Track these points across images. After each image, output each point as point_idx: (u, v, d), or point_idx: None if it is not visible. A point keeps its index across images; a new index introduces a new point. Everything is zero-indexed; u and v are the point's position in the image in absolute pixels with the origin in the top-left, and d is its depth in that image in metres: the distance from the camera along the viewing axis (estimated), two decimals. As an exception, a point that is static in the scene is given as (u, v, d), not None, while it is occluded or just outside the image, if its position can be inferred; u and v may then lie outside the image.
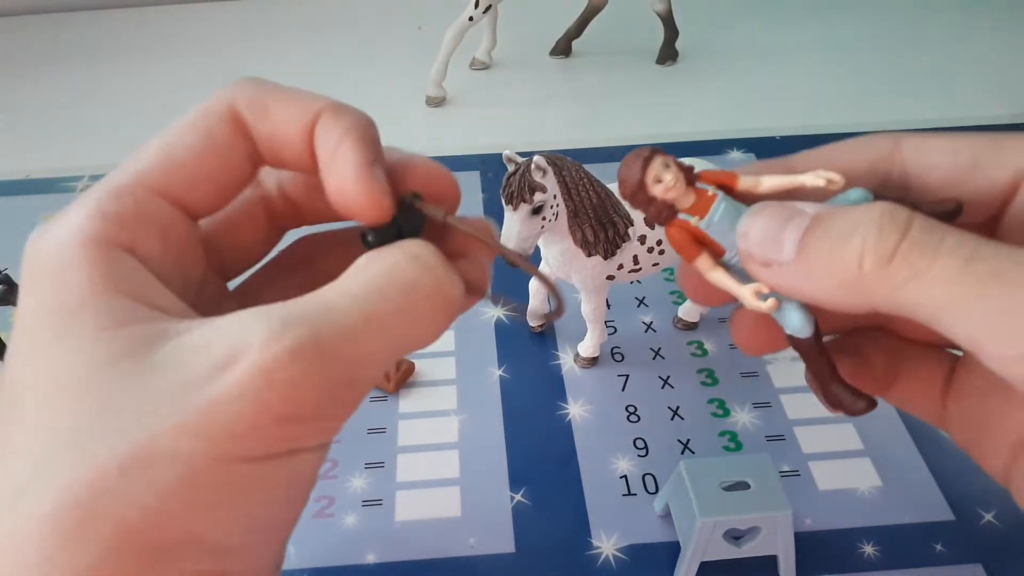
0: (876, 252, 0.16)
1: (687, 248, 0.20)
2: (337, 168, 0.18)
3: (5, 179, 0.68)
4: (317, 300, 0.17)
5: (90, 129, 0.76)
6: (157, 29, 0.93)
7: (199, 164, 0.18)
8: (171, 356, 0.16)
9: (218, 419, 0.15)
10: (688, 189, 0.19)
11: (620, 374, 0.51)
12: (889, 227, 0.16)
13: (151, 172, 0.18)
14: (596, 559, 0.42)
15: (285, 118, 0.19)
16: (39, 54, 0.89)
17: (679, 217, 0.20)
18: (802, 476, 0.45)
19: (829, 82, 0.79)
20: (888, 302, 0.16)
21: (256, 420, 0.15)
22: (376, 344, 0.17)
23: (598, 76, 0.82)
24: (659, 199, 0.20)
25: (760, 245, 0.18)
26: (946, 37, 0.86)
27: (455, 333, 0.54)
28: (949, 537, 0.42)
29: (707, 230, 0.19)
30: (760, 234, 0.18)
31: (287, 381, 0.15)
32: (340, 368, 0.16)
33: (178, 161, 0.18)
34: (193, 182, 0.18)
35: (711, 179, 0.19)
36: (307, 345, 0.15)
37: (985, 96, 0.76)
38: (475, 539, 0.42)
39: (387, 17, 0.93)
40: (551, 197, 0.42)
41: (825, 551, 0.42)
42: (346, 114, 0.19)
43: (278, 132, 0.19)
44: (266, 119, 0.19)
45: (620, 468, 0.46)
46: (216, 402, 0.15)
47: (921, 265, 0.16)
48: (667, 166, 0.19)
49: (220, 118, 0.19)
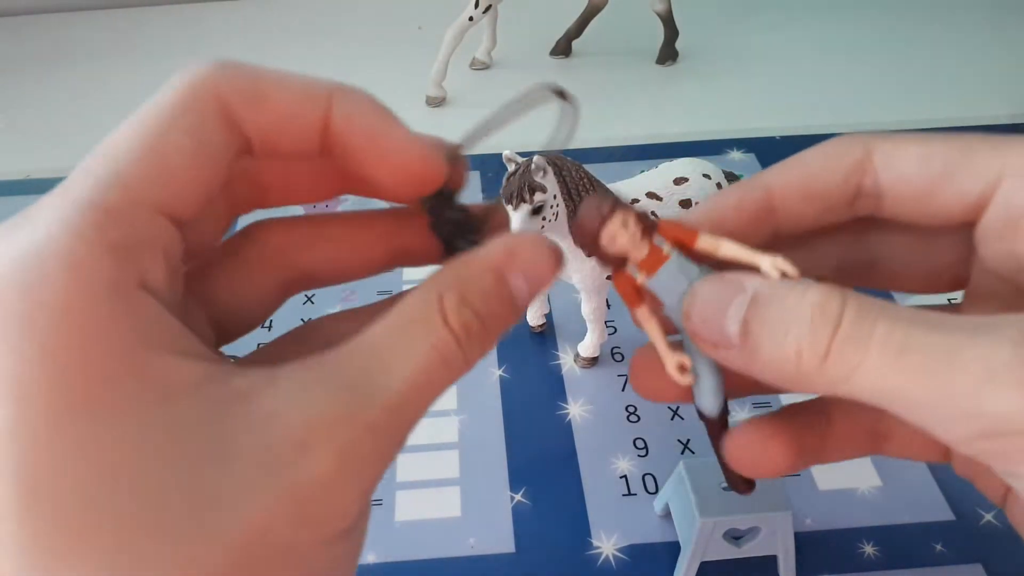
0: (811, 350, 0.16)
1: (628, 296, 0.20)
2: (394, 143, 0.18)
3: (5, 179, 0.68)
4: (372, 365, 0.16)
5: (90, 129, 0.75)
6: (157, 29, 0.93)
7: (194, 171, 0.16)
8: (244, 432, 0.15)
9: (315, 507, 0.15)
10: (643, 242, 0.19)
11: (620, 374, 0.51)
12: (820, 321, 0.16)
13: (143, 183, 0.16)
14: (596, 559, 0.42)
15: (288, 106, 0.17)
16: (39, 54, 0.89)
17: (626, 269, 0.20)
18: (802, 476, 0.45)
19: (829, 82, 0.79)
20: (832, 392, 0.17)
21: (346, 502, 0.15)
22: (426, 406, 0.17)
23: (598, 76, 0.82)
24: (610, 252, 0.19)
25: (704, 328, 0.18)
26: (946, 37, 0.86)
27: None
28: (949, 537, 0.42)
29: (650, 286, 0.19)
30: (702, 317, 0.18)
31: (364, 460, 0.16)
32: (401, 435, 0.16)
33: (171, 169, 0.16)
34: (186, 191, 0.16)
35: (671, 233, 0.19)
36: (378, 423, 0.16)
37: (985, 96, 0.76)
38: (475, 539, 0.42)
39: (387, 17, 0.93)
40: (551, 197, 0.42)
41: (825, 551, 0.42)
42: (358, 92, 0.18)
43: (279, 122, 0.17)
44: (263, 109, 0.17)
45: (620, 468, 0.46)
46: (309, 489, 0.15)
47: (854, 360, 0.16)
48: (624, 225, 0.19)
49: (209, 112, 0.17)
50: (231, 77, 0.17)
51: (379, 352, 0.16)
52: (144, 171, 0.16)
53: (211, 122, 0.17)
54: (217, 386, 0.15)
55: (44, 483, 0.13)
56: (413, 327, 0.17)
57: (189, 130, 0.16)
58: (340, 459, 0.15)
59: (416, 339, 0.17)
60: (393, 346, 0.16)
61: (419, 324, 0.17)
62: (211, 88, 0.17)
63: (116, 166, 0.16)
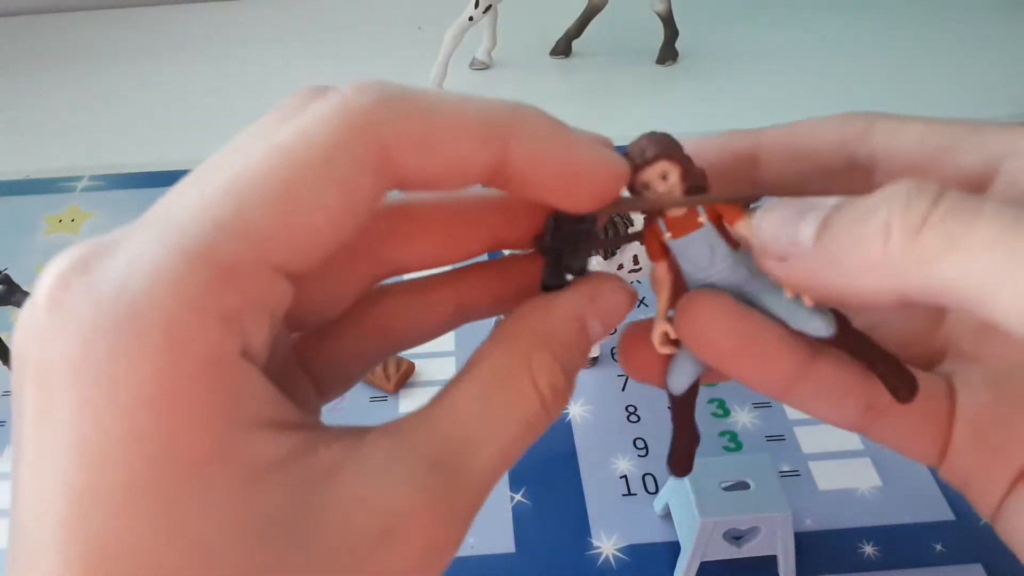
0: (903, 222, 0.14)
1: (652, 250, 0.19)
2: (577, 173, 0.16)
3: (5, 179, 0.68)
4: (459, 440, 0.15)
5: (90, 129, 0.75)
6: (157, 29, 0.93)
7: (333, 231, 0.14)
8: (330, 517, 0.14)
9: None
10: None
11: (620, 374, 0.51)
12: (917, 195, 0.14)
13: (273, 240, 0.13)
14: (596, 559, 0.42)
15: (461, 151, 0.15)
16: (39, 54, 0.89)
17: (657, 222, 0.19)
18: (802, 476, 0.45)
19: (829, 82, 0.79)
20: (920, 283, 0.14)
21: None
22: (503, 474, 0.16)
23: (598, 76, 0.82)
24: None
25: (775, 237, 0.16)
26: (947, 37, 0.86)
27: (455, 333, 0.54)
28: (949, 537, 0.42)
29: (672, 249, 0.19)
30: (775, 225, 0.16)
31: (446, 548, 0.15)
32: (477, 510, 0.16)
33: (310, 226, 0.14)
34: (318, 250, 0.14)
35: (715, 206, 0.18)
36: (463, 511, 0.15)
37: (985, 96, 0.76)
38: (475, 539, 0.42)
39: (387, 17, 0.93)
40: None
41: (825, 551, 0.42)
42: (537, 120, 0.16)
43: (447, 166, 0.15)
44: (432, 155, 0.15)
45: (620, 468, 0.46)
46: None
47: (957, 231, 0.13)
48: (663, 177, 0.18)
49: (368, 160, 0.14)
50: (398, 117, 0.15)
51: (466, 424, 0.16)
52: (278, 225, 0.13)
53: (367, 172, 0.14)
54: (304, 463, 0.14)
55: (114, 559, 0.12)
56: (502, 395, 0.16)
57: (341, 181, 0.14)
58: (424, 550, 0.15)
59: (505, 410, 0.16)
60: (481, 417, 0.16)
61: (508, 391, 0.16)
62: (374, 131, 0.14)
63: (245, 210, 0.13)
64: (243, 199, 0.13)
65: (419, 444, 0.15)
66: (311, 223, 0.14)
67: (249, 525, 0.13)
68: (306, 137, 0.14)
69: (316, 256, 0.14)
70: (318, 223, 0.14)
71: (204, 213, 0.13)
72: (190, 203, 0.14)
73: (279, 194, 0.13)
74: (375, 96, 0.15)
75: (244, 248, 0.13)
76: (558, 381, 0.16)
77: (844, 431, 0.49)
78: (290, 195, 0.14)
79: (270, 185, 0.13)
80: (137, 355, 0.12)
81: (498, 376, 0.16)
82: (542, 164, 0.16)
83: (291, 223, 0.14)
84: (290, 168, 0.14)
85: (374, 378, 0.49)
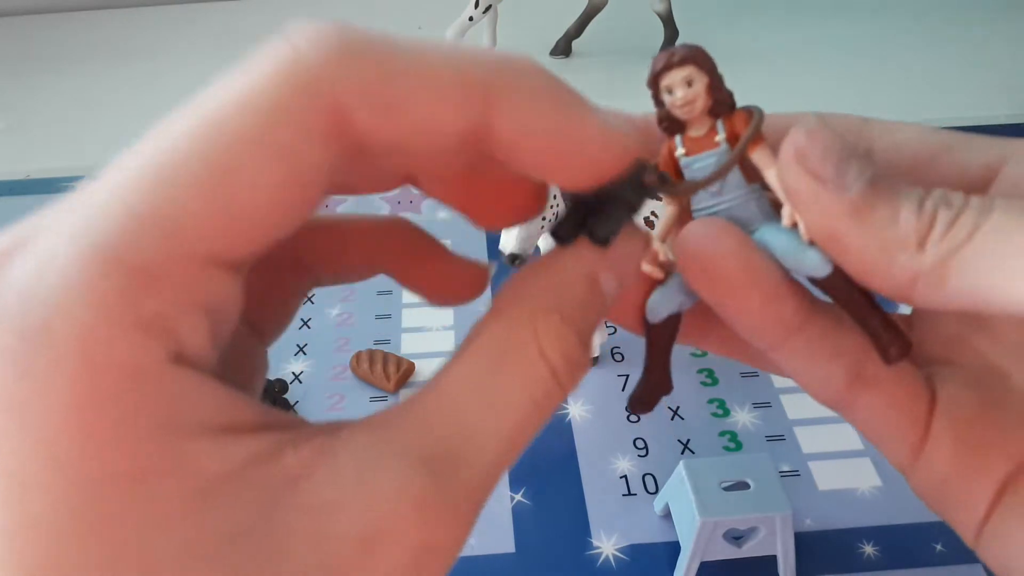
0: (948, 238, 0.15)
1: (666, 166, 0.18)
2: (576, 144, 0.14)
3: (5, 179, 0.68)
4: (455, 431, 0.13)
5: (90, 129, 0.75)
6: (157, 29, 0.93)
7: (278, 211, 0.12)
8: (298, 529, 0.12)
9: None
10: (704, 117, 0.17)
11: (620, 374, 0.51)
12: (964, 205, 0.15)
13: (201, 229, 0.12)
14: (596, 559, 0.42)
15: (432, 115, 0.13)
16: (39, 54, 0.89)
17: (674, 138, 0.18)
18: (802, 476, 0.45)
19: (829, 82, 0.79)
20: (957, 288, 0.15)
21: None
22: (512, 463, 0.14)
23: (598, 76, 0.82)
24: (666, 106, 0.18)
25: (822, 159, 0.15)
26: (947, 37, 0.86)
27: (455, 333, 0.54)
28: (949, 537, 0.42)
29: (683, 168, 0.18)
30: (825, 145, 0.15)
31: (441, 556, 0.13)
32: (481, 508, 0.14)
33: (246, 209, 0.12)
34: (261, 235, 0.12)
35: (734, 127, 0.17)
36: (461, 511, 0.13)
37: (985, 96, 0.76)
38: (475, 539, 0.42)
39: (387, 17, 0.94)
40: (551, 197, 0.42)
41: (825, 551, 0.42)
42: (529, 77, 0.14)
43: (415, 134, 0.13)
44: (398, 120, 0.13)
45: (620, 468, 0.46)
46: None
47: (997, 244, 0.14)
48: (688, 83, 0.17)
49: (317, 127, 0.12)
50: (357, 74, 0.12)
51: (462, 410, 0.13)
52: (207, 212, 0.12)
53: (317, 140, 0.12)
54: (266, 470, 0.12)
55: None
56: (505, 370, 0.14)
57: (283, 153, 0.12)
58: (416, 557, 0.13)
59: (509, 388, 0.14)
60: (480, 401, 0.14)
61: (512, 365, 0.14)
62: (326, 91, 0.12)
63: (166, 198, 0.11)
64: (164, 185, 0.12)
65: (406, 438, 0.13)
66: (248, 205, 0.12)
67: (204, 544, 0.11)
68: (240, 103, 0.12)
69: (261, 242, 0.12)
70: (257, 204, 0.12)
71: (121, 204, 0.12)
72: (108, 192, 0.12)
73: (206, 175, 0.12)
74: (331, 47, 0.12)
75: (165, 242, 0.11)
76: (571, 348, 0.14)
77: (844, 431, 0.49)
78: (219, 175, 0.12)
79: (194, 165, 0.12)
80: (49, 376, 0.11)
81: (499, 350, 0.14)
82: (531, 133, 0.14)
83: (222, 208, 0.12)
84: (219, 142, 0.12)
85: (374, 378, 0.49)
